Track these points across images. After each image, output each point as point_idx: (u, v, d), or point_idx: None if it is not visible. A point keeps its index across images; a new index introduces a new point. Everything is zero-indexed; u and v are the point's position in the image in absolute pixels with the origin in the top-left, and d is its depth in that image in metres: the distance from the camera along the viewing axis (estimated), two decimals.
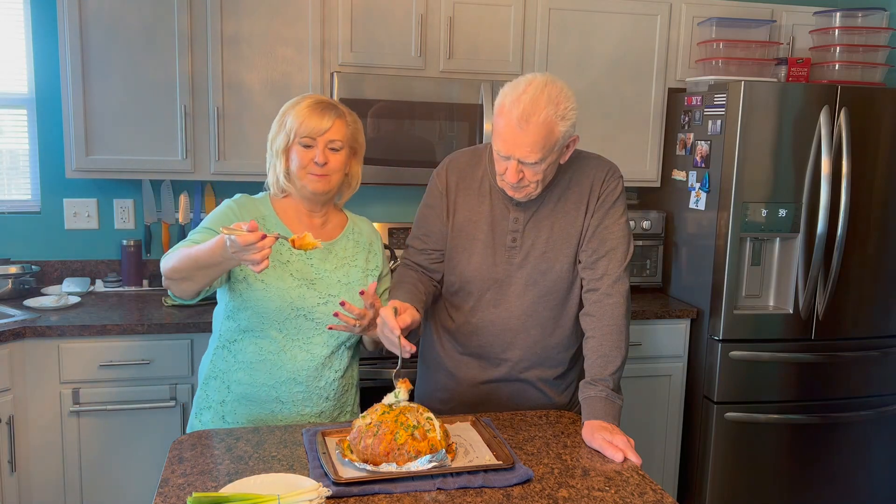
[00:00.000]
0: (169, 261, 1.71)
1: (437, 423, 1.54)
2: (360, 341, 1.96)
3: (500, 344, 1.93)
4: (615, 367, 1.79)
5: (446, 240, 1.96)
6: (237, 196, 1.89)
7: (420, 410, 1.55)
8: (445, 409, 1.99)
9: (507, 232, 1.91)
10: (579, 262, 1.90)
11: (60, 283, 3.14)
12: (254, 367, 1.83)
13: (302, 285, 1.81)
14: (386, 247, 3.18)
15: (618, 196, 1.91)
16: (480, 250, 1.91)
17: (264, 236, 1.52)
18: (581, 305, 1.92)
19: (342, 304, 1.72)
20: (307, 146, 1.79)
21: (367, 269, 1.92)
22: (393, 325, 1.65)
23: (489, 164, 1.94)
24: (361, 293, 1.73)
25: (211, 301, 1.94)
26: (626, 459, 1.61)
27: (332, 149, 1.81)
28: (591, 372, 1.80)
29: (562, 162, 1.85)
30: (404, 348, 1.66)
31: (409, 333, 1.77)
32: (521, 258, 1.90)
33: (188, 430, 1.92)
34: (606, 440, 1.64)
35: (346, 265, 1.89)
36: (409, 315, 1.73)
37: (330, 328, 1.79)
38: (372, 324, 1.77)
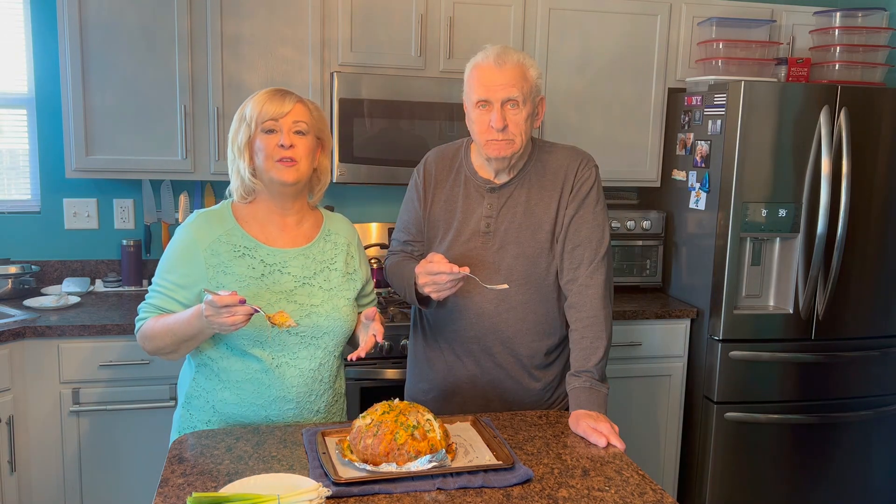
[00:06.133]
0: (147, 340, 1.71)
1: (436, 423, 1.54)
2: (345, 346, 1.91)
3: (474, 329, 1.95)
4: (598, 358, 1.84)
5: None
6: (193, 216, 1.78)
7: (420, 410, 1.55)
8: (427, 398, 2.04)
9: (482, 218, 1.94)
10: (560, 259, 1.93)
11: (60, 283, 3.15)
12: (240, 386, 1.75)
13: (281, 299, 1.73)
14: (382, 245, 3.18)
15: (591, 186, 1.95)
16: (455, 237, 1.95)
17: (243, 301, 1.53)
18: (558, 296, 1.96)
19: (356, 356, 1.69)
20: (271, 131, 1.71)
21: (346, 272, 1.85)
22: (447, 266, 1.73)
23: (465, 155, 2.01)
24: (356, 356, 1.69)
25: None
26: (609, 445, 1.67)
27: (298, 132, 1.72)
28: (575, 363, 1.87)
29: (535, 126, 1.92)
30: (462, 271, 1.74)
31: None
32: (497, 244, 1.93)
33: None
34: (591, 426, 1.70)
35: (325, 269, 1.81)
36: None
37: (351, 358, 1.71)
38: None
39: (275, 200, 1.78)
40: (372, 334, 1.71)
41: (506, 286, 1.83)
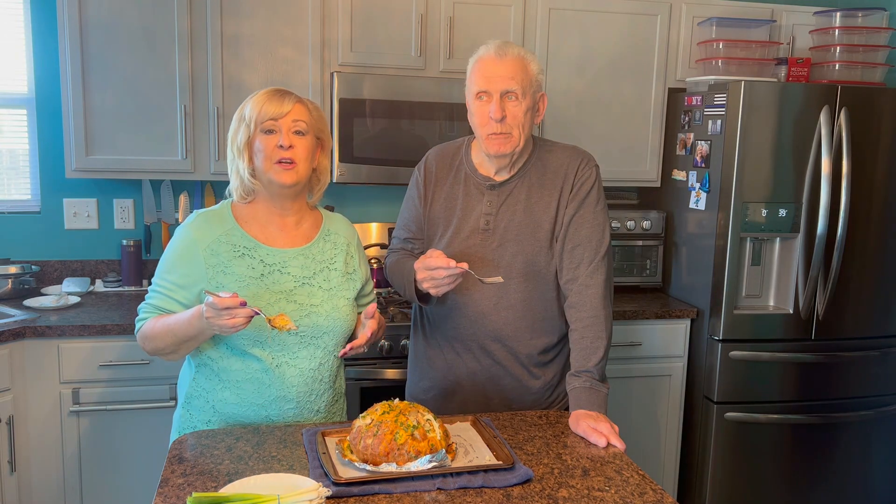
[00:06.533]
0: (147, 340, 1.71)
1: (436, 423, 1.54)
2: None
3: (473, 327, 1.96)
4: (598, 358, 1.84)
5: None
6: (192, 217, 1.78)
7: (420, 410, 1.55)
8: (428, 397, 2.04)
9: (482, 215, 1.95)
10: (560, 258, 1.94)
11: (60, 283, 3.15)
12: (240, 385, 1.75)
13: (281, 299, 1.73)
14: (382, 245, 3.18)
15: (592, 185, 1.95)
16: (455, 234, 1.96)
17: (243, 304, 1.53)
18: (557, 295, 1.97)
19: (344, 354, 1.74)
20: (270, 131, 1.71)
21: (346, 272, 1.85)
22: (445, 262, 1.75)
23: (466, 153, 2.02)
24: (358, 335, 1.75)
25: None
26: (609, 445, 1.67)
27: (297, 132, 1.72)
28: (575, 363, 1.87)
29: (536, 122, 1.93)
30: (461, 267, 1.74)
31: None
32: (497, 242, 1.94)
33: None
34: (591, 426, 1.70)
35: (325, 269, 1.81)
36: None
37: (342, 356, 1.77)
38: (376, 338, 1.81)
39: (274, 201, 1.79)
40: (366, 333, 1.73)
41: (500, 279, 1.83)
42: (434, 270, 1.76)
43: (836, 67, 3.23)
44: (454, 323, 1.98)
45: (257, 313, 1.57)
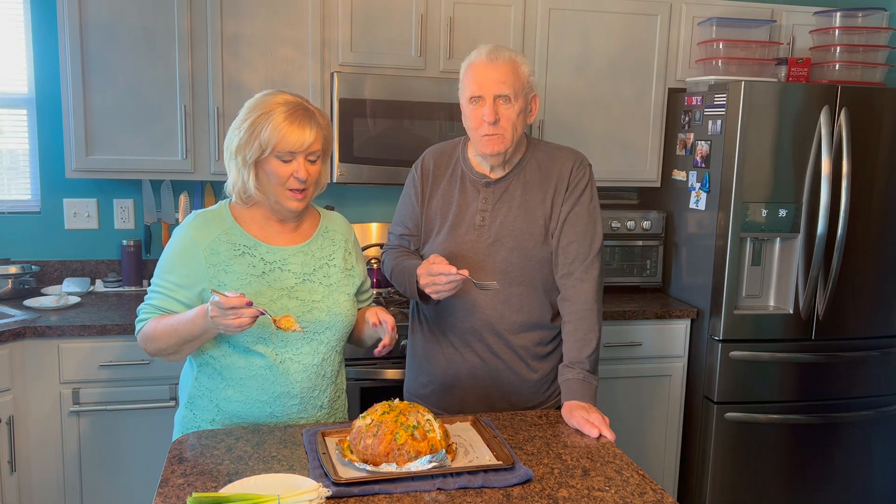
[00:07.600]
0: (149, 341, 1.71)
1: (436, 423, 1.55)
2: (346, 343, 1.92)
3: (469, 321, 1.98)
4: (591, 350, 1.89)
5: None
6: (191, 217, 1.78)
7: (420, 411, 1.55)
8: (427, 391, 2.07)
9: (477, 212, 1.99)
10: (555, 254, 1.97)
11: (60, 283, 3.15)
12: (244, 383, 1.75)
13: (283, 296, 1.74)
14: (381, 245, 3.18)
15: (586, 185, 2.00)
16: (450, 230, 2.00)
17: (249, 304, 1.53)
18: (552, 290, 2.00)
19: (380, 352, 1.75)
20: (287, 161, 1.70)
21: (345, 268, 1.86)
22: (446, 268, 1.79)
23: (462, 152, 2.06)
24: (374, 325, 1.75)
25: None
26: (601, 436, 1.72)
27: (311, 161, 1.73)
28: (568, 355, 1.91)
29: (529, 122, 1.99)
30: (461, 273, 1.78)
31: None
32: (492, 238, 1.97)
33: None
34: (584, 418, 1.75)
35: (325, 265, 1.82)
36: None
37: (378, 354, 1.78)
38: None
39: (276, 213, 1.79)
40: (388, 326, 1.75)
41: (495, 284, 1.87)
42: (436, 276, 1.80)
43: (836, 67, 3.23)
44: (452, 319, 2.00)
45: (263, 313, 1.57)
